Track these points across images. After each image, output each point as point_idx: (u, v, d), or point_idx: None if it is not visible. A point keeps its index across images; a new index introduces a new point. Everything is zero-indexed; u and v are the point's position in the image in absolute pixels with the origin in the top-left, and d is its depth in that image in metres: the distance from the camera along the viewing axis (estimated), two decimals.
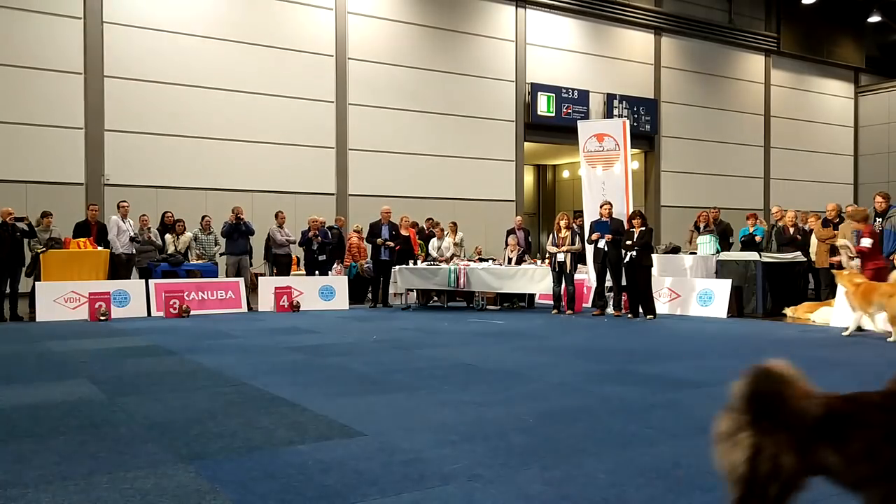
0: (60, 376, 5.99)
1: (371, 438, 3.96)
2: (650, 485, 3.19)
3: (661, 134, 22.49)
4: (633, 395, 5.13)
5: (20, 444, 3.87)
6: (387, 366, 6.51)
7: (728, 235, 14.08)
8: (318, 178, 17.25)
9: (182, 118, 15.72)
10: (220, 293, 12.29)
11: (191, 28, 15.89)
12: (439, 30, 18.96)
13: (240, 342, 8.27)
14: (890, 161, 26.59)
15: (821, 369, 6.35)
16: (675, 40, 22.89)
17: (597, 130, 12.87)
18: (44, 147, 14.45)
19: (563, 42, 20.90)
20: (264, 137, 16.57)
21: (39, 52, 14.43)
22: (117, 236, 12.12)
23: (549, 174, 26.64)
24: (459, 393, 5.24)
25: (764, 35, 24.78)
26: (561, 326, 10.15)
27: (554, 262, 11.95)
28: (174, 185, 15.52)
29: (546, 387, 5.49)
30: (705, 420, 4.33)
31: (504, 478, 3.29)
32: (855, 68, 27.28)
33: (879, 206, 10.04)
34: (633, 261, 10.91)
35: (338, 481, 3.25)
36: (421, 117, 18.61)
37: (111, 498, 3.05)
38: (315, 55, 17.23)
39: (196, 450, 3.76)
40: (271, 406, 4.80)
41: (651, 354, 7.25)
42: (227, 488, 3.16)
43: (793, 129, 25.58)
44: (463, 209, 18.55)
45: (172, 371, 6.27)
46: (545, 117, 20.16)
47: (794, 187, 24.71)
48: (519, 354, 7.30)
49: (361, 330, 9.64)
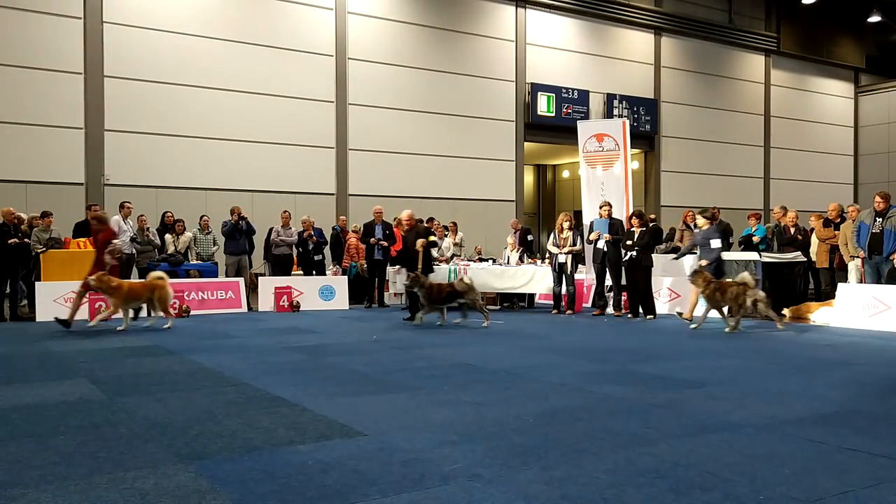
0: (60, 376, 5.99)
1: (371, 438, 3.96)
2: (650, 485, 3.19)
3: (661, 134, 22.49)
4: (633, 395, 5.13)
5: (20, 444, 3.87)
6: (387, 366, 6.51)
7: (728, 235, 14.08)
8: (318, 178, 17.25)
9: (182, 118, 15.72)
10: (220, 293, 12.29)
11: (191, 28, 15.89)
12: (439, 30, 18.97)
13: (240, 342, 8.27)
14: (890, 161, 26.59)
15: (821, 369, 6.35)
16: (675, 40, 22.90)
17: (596, 130, 12.88)
18: (44, 147, 14.45)
19: (563, 42, 20.90)
20: (264, 137, 16.57)
21: (39, 52, 14.43)
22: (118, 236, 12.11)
23: (549, 174, 26.64)
24: (459, 393, 5.24)
25: (764, 35, 24.79)
26: (561, 326, 10.14)
27: (554, 262, 11.95)
28: (174, 185, 15.52)
29: (546, 387, 5.50)
30: (705, 420, 4.35)
31: (504, 478, 3.29)
32: (855, 68, 27.28)
33: (879, 206, 10.04)
34: (632, 261, 10.89)
35: (338, 481, 3.25)
36: (421, 117, 18.61)
37: (111, 498, 3.05)
38: (315, 55, 17.23)
39: (196, 450, 3.76)
40: (271, 406, 4.80)
41: (651, 354, 7.25)
42: (227, 488, 3.16)
43: (793, 129, 25.58)
44: (463, 209, 18.55)
45: (172, 371, 6.27)
46: (545, 117, 20.16)
47: (794, 187, 24.70)
48: (519, 354, 7.30)
49: (361, 330, 9.64)
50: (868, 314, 9.73)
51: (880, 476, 3.33)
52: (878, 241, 9.97)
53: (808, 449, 3.77)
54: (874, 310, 9.68)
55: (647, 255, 10.95)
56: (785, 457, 3.62)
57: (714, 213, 11.39)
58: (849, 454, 3.67)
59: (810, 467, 3.45)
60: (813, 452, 3.70)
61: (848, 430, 4.14)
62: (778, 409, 4.67)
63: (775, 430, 4.15)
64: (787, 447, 3.79)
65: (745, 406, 4.78)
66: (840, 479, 3.28)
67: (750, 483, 3.21)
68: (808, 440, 3.93)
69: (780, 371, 6.24)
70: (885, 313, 9.56)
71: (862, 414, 4.59)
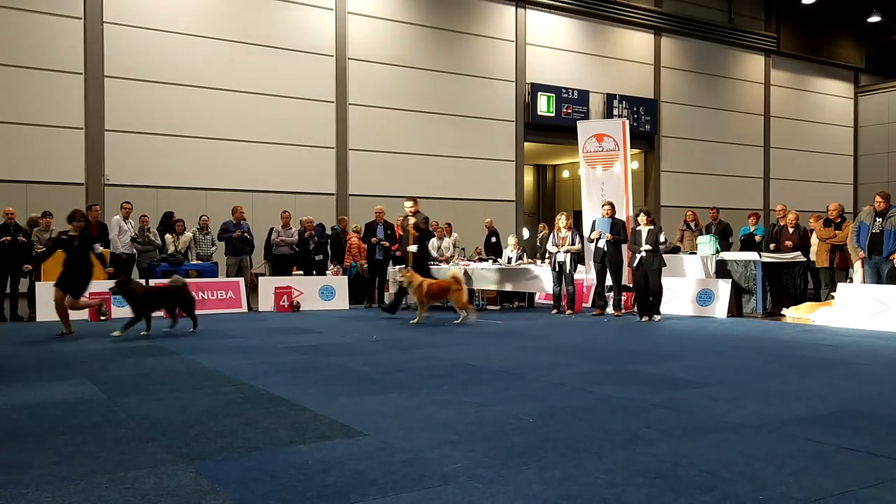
0: (60, 376, 5.99)
1: (371, 438, 3.96)
2: (650, 485, 3.19)
3: (660, 134, 22.50)
4: (633, 395, 5.13)
5: (20, 444, 3.87)
6: (387, 366, 6.51)
7: (728, 235, 14.09)
8: (318, 178, 17.26)
9: (182, 118, 15.73)
10: (220, 293, 12.29)
11: (191, 28, 15.89)
12: (439, 30, 18.97)
13: (240, 342, 8.27)
14: (890, 161, 26.60)
15: (821, 369, 6.35)
16: (675, 40, 22.90)
17: (596, 130, 12.87)
18: (44, 147, 14.46)
19: (562, 42, 20.91)
20: (264, 137, 16.58)
21: (39, 52, 14.44)
22: (118, 236, 12.11)
23: (548, 174, 26.65)
24: (459, 393, 5.24)
25: (764, 35, 24.79)
26: (561, 326, 10.14)
27: (554, 262, 11.95)
28: (174, 185, 15.53)
29: (546, 387, 5.50)
30: (705, 420, 4.35)
31: (504, 478, 3.29)
32: (855, 68, 27.29)
33: (879, 206, 10.04)
34: (642, 262, 10.53)
35: (338, 481, 3.25)
36: (421, 117, 18.61)
37: (111, 498, 3.05)
38: (315, 55, 17.24)
39: (196, 450, 3.77)
40: (271, 406, 4.80)
41: (651, 354, 7.25)
42: (227, 488, 3.16)
43: (793, 129, 25.59)
44: (463, 209, 18.56)
45: (172, 371, 6.27)
46: (545, 117, 20.17)
47: (794, 187, 24.71)
48: (519, 354, 7.30)
49: (361, 330, 9.64)
50: (868, 314, 9.73)
51: (880, 476, 3.33)
52: (878, 241, 9.97)
53: (808, 449, 3.77)
54: (874, 310, 9.68)
55: (658, 256, 10.60)
56: (785, 457, 3.62)
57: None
58: (849, 454, 3.67)
59: (810, 467, 3.45)
60: (813, 452, 3.70)
61: (848, 430, 4.14)
62: (778, 409, 4.67)
63: (775, 430, 4.15)
64: (787, 447, 3.79)
65: (744, 406, 4.78)
66: (840, 479, 3.28)
67: (750, 483, 3.21)
68: (808, 440, 3.93)
69: (780, 371, 6.24)
70: (885, 313, 9.56)
71: (862, 414, 4.59)
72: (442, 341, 8.38)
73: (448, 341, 8.38)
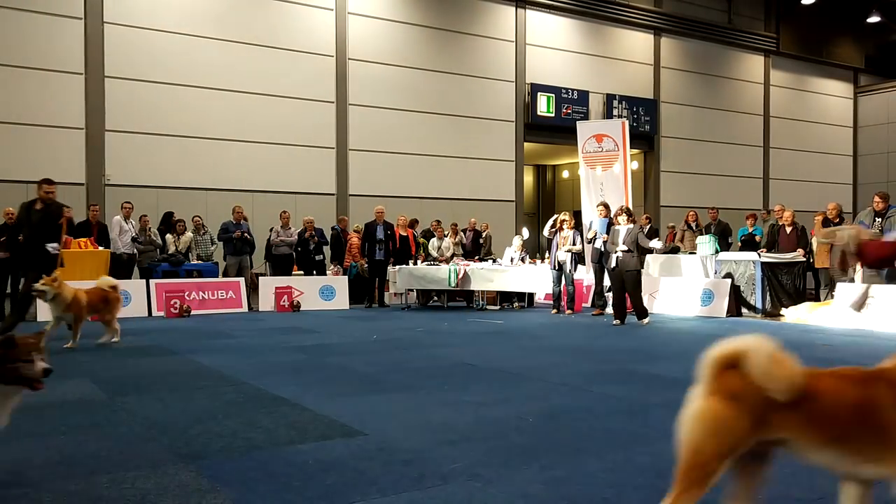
0: (61, 376, 5.98)
1: (371, 438, 3.97)
2: (650, 485, 3.19)
3: (660, 134, 22.49)
4: (633, 395, 5.13)
5: (21, 444, 3.87)
6: (387, 366, 6.52)
7: (728, 235, 14.10)
8: (318, 178, 17.25)
9: (182, 118, 15.72)
10: (220, 293, 12.31)
11: (191, 28, 15.89)
12: (439, 30, 18.97)
13: (240, 342, 8.28)
14: (889, 161, 26.60)
15: None
16: (675, 41, 22.90)
17: (596, 131, 12.90)
18: (44, 147, 14.45)
19: (562, 42, 20.90)
20: (264, 137, 16.57)
21: (39, 52, 14.43)
22: (119, 236, 12.13)
23: (548, 174, 26.64)
24: (459, 393, 5.24)
25: (763, 35, 24.79)
26: (561, 326, 10.15)
27: (554, 261, 11.95)
28: (174, 185, 15.52)
29: (546, 387, 5.50)
30: None
31: (504, 478, 3.30)
32: (854, 68, 27.29)
33: (878, 206, 10.05)
34: (618, 264, 10.14)
35: (338, 481, 3.26)
36: (421, 117, 18.61)
37: (112, 497, 3.06)
38: (315, 55, 17.23)
39: (196, 449, 3.77)
40: (272, 406, 4.81)
41: (651, 354, 7.26)
42: (227, 488, 3.17)
43: (792, 129, 25.59)
44: (463, 209, 18.54)
45: (173, 371, 6.27)
46: (545, 117, 20.16)
47: (793, 187, 24.70)
48: (519, 354, 7.31)
49: (362, 330, 9.64)
50: (868, 314, 9.73)
51: None
52: None
53: None
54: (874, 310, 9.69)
55: (636, 257, 10.14)
56: (784, 456, 3.62)
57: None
58: None
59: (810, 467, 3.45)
60: None
61: None
62: None
63: None
64: None
65: None
66: (839, 478, 3.28)
67: None
68: None
69: None
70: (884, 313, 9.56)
71: None
72: (442, 341, 8.39)
73: (448, 341, 8.39)
